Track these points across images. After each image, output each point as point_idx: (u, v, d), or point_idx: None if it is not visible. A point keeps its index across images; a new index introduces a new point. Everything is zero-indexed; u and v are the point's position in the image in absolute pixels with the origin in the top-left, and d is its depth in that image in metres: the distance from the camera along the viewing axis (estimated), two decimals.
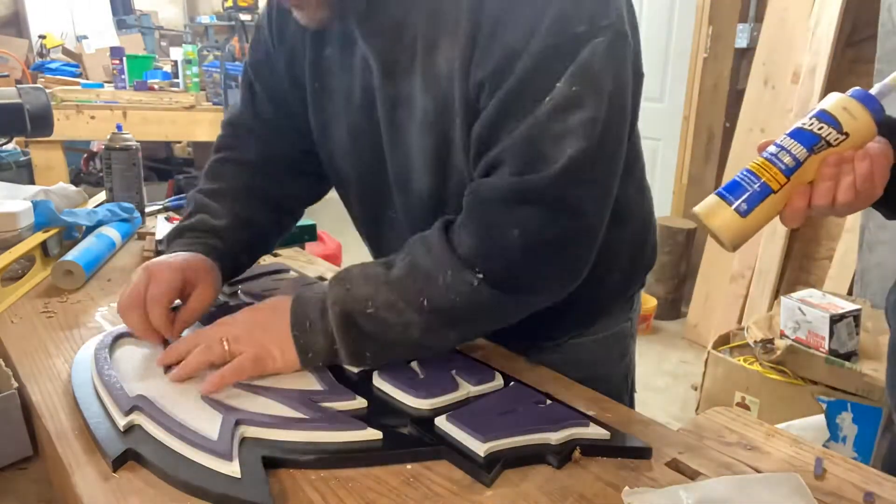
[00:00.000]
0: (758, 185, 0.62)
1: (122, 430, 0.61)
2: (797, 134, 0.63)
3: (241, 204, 0.91)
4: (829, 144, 0.62)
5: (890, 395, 0.87)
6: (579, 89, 0.65)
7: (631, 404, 0.98)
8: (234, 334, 0.71)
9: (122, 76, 3.42)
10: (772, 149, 0.63)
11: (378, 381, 0.72)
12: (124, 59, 3.42)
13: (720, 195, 0.63)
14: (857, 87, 0.64)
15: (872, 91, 0.63)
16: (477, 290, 0.68)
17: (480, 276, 0.68)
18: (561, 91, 0.65)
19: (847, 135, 0.62)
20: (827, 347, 1.96)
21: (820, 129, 0.62)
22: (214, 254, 0.85)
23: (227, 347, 0.70)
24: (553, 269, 0.71)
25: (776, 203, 0.62)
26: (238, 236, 0.90)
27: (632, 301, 0.97)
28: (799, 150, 0.62)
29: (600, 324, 0.93)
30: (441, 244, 0.70)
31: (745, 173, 0.63)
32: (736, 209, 0.62)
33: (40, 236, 1.06)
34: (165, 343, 0.76)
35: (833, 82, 2.70)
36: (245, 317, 0.74)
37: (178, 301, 0.79)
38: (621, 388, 0.96)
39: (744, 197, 0.62)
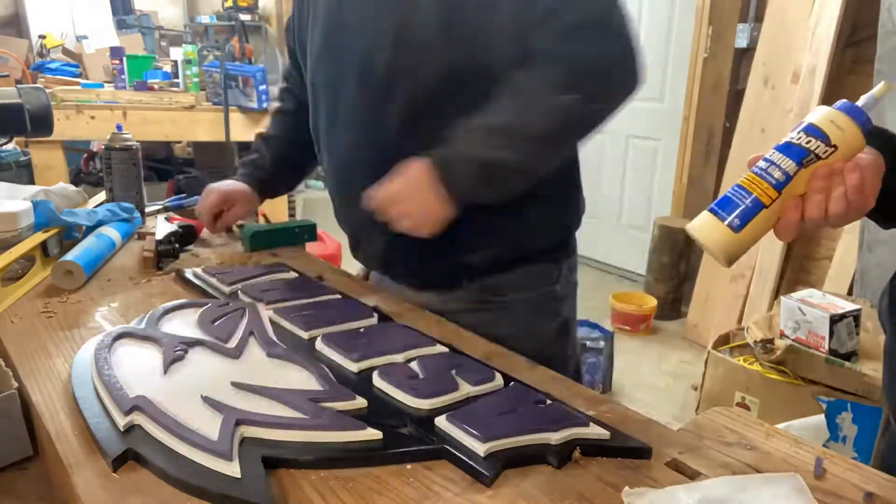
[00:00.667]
0: (749, 200, 0.62)
1: (122, 430, 0.61)
2: (786, 148, 0.63)
3: (282, 146, 1.25)
4: (818, 157, 0.62)
5: (887, 396, 0.87)
6: None
7: (577, 376, 1.06)
8: (398, 208, 0.87)
9: (122, 76, 3.42)
10: (761, 164, 0.63)
11: (378, 381, 0.72)
12: (124, 59, 3.42)
13: (713, 211, 0.64)
14: (844, 100, 0.64)
15: (859, 103, 0.63)
16: (575, 107, 0.84)
17: (577, 95, 0.83)
18: None
19: (836, 147, 0.62)
20: (827, 347, 1.96)
21: (808, 142, 0.62)
22: (258, 185, 1.24)
23: (395, 216, 0.87)
24: (626, 75, 0.87)
25: (769, 217, 0.63)
26: (278, 171, 1.26)
27: (558, 264, 1.05)
28: (788, 164, 0.62)
29: (523, 272, 1.01)
30: (532, 80, 0.85)
31: (736, 189, 0.64)
32: (729, 224, 0.62)
33: (40, 236, 1.06)
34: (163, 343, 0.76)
35: (833, 82, 2.70)
36: (400, 186, 0.86)
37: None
38: (555, 348, 1.04)
39: (736, 212, 0.62)
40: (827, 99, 2.69)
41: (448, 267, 0.99)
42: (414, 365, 0.74)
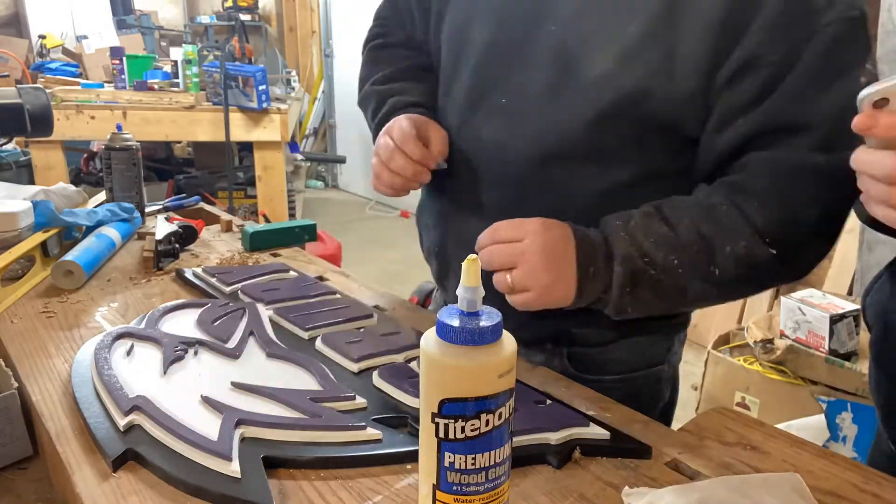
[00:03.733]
0: None
1: (122, 430, 0.61)
2: None
3: (416, 78, 0.96)
4: None
5: (873, 394, 0.87)
6: (874, 70, 0.66)
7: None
8: (519, 276, 0.71)
9: (122, 76, 3.42)
10: None
11: (378, 381, 0.72)
12: (124, 59, 3.42)
13: None
14: None
15: None
16: (766, 263, 0.70)
17: (773, 252, 0.69)
18: (870, 71, 0.66)
19: None
20: (827, 347, 1.96)
21: None
22: (419, 109, 0.90)
23: (510, 282, 0.71)
24: (825, 249, 0.74)
25: None
26: (432, 103, 0.93)
27: (671, 340, 0.91)
28: None
29: (627, 347, 0.87)
30: (733, 214, 0.70)
31: None
32: None
33: (40, 236, 1.06)
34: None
35: None
36: (534, 254, 0.71)
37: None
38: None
39: None
40: None
41: (540, 322, 0.81)
42: (414, 365, 0.74)
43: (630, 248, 0.71)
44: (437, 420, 0.47)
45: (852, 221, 0.72)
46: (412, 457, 0.61)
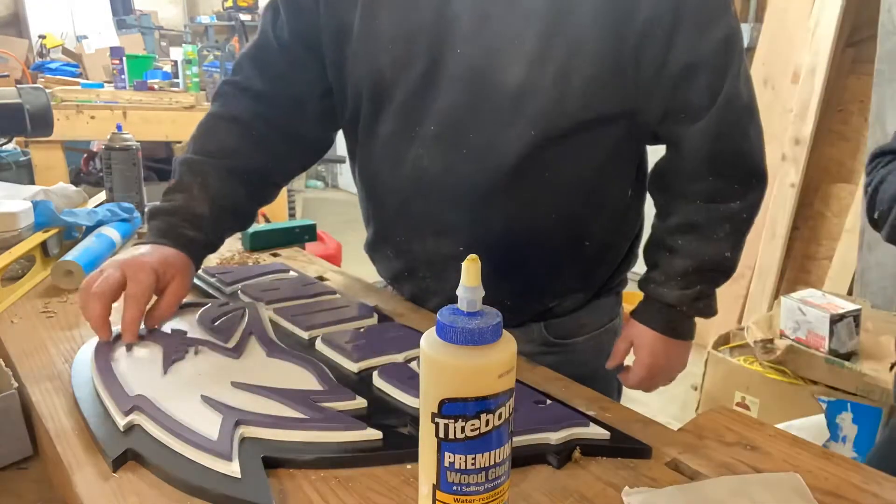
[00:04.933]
0: None
1: (122, 430, 0.61)
2: None
3: (225, 185, 0.88)
4: None
5: None
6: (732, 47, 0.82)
7: (619, 398, 1.04)
8: (663, 380, 0.96)
9: (122, 76, 3.42)
10: None
11: (378, 381, 0.72)
12: (124, 59, 3.42)
13: None
14: None
15: None
16: (740, 212, 0.86)
17: (737, 204, 0.85)
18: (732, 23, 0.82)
19: None
20: (827, 347, 1.96)
21: None
22: (192, 247, 0.84)
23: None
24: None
25: None
26: (219, 225, 0.88)
27: (619, 295, 1.04)
28: None
29: (590, 310, 0.99)
30: (702, 212, 0.86)
31: None
32: None
33: (40, 236, 1.06)
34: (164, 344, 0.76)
35: (833, 82, 2.70)
36: (651, 364, 0.92)
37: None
38: (611, 385, 1.01)
39: None
40: (827, 99, 2.69)
41: (522, 309, 0.94)
42: (414, 365, 0.74)
43: (680, 296, 0.88)
44: (436, 420, 0.47)
45: (852, 221, 0.73)
46: (412, 457, 0.61)
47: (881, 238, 0.88)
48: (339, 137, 1.03)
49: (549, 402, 0.68)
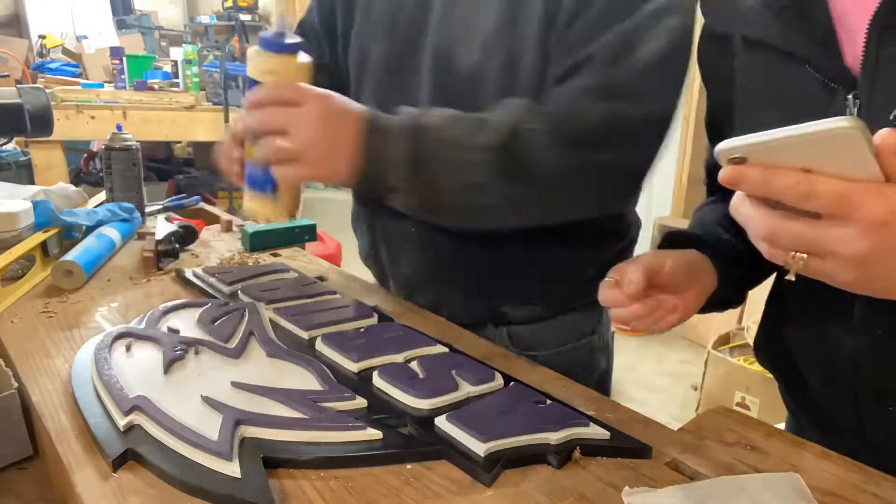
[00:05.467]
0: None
1: (122, 430, 0.61)
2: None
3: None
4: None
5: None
6: (677, 1, 0.73)
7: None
8: (293, 142, 0.68)
9: (122, 76, 3.42)
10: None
11: (378, 381, 0.72)
12: (124, 59, 3.42)
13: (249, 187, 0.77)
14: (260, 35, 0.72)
15: (268, 34, 0.71)
16: (532, 135, 0.72)
17: (536, 126, 0.72)
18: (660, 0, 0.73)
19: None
20: None
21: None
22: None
23: (283, 147, 0.68)
24: (620, 155, 0.75)
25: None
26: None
27: (599, 313, 0.97)
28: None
29: (560, 323, 0.94)
30: (522, 103, 0.75)
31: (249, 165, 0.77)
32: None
33: (40, 236, 1.06)
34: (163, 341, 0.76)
35: None
36: (311, 120, 0.68)
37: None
38: None
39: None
40: None
41: (474, 308, 0.93)
42: (414, 365, 0.74)
43: (417, 118, 0.73)
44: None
45: None
46: (412, 457, 0.61)
47: None
48: None
49: (549, 402, 0.68)
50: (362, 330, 0.84)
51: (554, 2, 0.76)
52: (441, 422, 0.64)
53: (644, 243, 3.87)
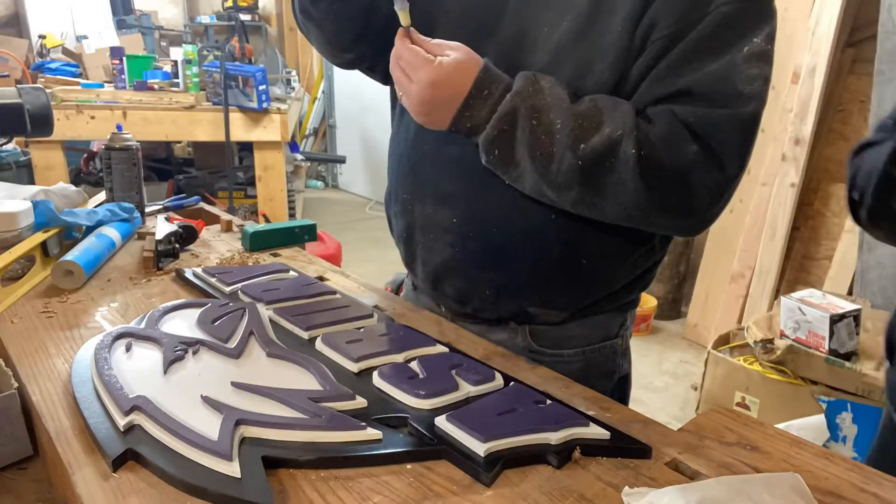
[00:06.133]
0: None
1: (122, 430, 0.61)
2: None
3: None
4: None
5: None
6: (770, 48, 0.75)
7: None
8: (409, 95, 0.79)
9: (122, 76, 3.42)
10: None
11: (378, 381, 0.72)
12: (124, 59, 3.42)
13: None
14: None
15: None
16: (627, 165, 0.74)
17: (635, 155, 0.74)
18: (758, 44, 0.74)
19: None
20: (827, 347, 1.96)
21: None
22: None
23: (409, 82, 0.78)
24: (694, 198, 0.77)
25: None
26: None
27: (624, 317, 0.97)
28: None
29: (585, 325, 0.93)
30: (632, 112, 0.76)
31: None
32: None
33: (40, 236, 1.06)
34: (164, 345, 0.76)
35: (833, 82, 2.70)
36: (444, 68, 0.77)
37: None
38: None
39: None
40: (827, 99, 2.69)
41: (500, 305, 0.92)
42: (414, 365, 0.74)
43: (526, 87, 0.77)
44: None
45: (851, 222, 0.73)
46: (412, 457, 0.61)
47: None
48: (339, 136, 1.03)
49: (549, 402, 0.68)
50: (362, 330, 0.84)
51: (647, 19, 0.75)
52: (441, 422, 0.64)
53: None
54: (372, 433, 0.62)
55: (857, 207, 0.86)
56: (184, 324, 0.84)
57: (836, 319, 1.95)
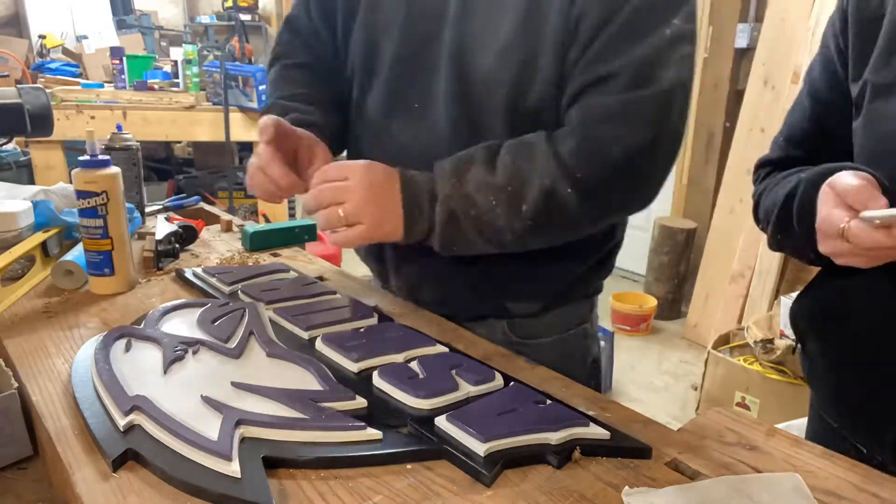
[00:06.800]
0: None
1: (122, 430, 0.61)
2: None
3: (320, 106, 0.96)
4: None
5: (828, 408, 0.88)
6: (691, 27, 0.77)
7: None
8: (350, 209, 0.79)
9: (122, 76, 3.42)
10: None
11: (378, 381, 0.72)
12: (124, 59, 3.42)
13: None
14: None
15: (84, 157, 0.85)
16: (570, 199, 0.78)
17: (571, 187, 0.77)
18: (679, 25, 0.76)
19: None
20: None
21: None
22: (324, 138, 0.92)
23: (342, 215, 0.79)
24: (637, 185, 0.82)
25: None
26: (330, 131, 0.95)
27: (590, 303, 1.03)
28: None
29: (559, 314, 0.98)
30: (546, 153, 0.78)
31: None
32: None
33: (40, 236, 1.06)
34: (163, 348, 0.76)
35: None
36: (360, 189, 0.79)
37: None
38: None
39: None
40: None
41: (479, 303, 0.96)
42: (414, 365, 0.74)
43: (448, 186, 0.80)
44: None
45: None
46: (412, 457, 0.61)
47: None
48: None
49: (549, 402, 0.68)
50: (362, 330, 0.84)
51: (577, 12, 0.77)
52: (441, 422, 0.64)
53: (643, 243, 3.86)
54: (372, 433, 0.62)
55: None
56: (184, 324, 0.84)
57: None
